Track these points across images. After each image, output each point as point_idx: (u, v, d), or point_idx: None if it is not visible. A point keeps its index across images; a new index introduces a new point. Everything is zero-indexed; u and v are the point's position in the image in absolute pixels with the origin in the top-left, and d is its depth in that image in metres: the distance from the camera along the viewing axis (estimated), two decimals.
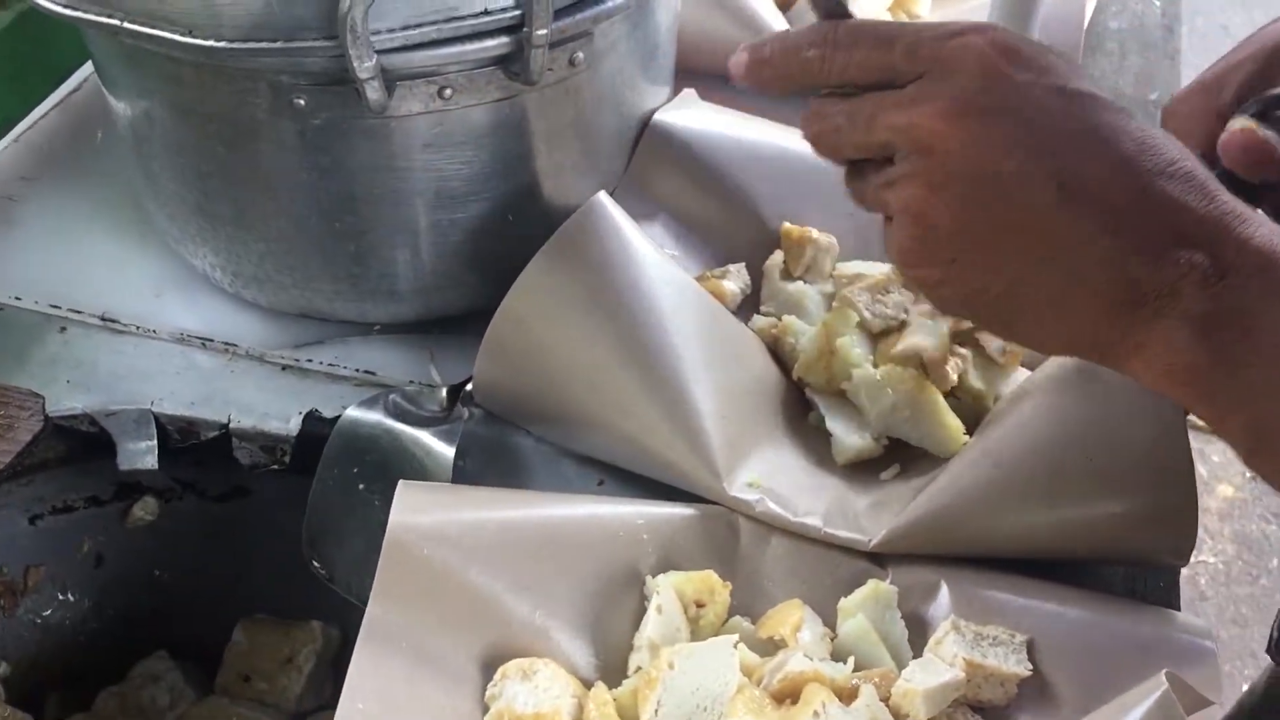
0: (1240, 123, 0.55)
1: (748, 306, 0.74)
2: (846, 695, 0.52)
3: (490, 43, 0.62)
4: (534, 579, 0.57)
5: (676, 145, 0.77)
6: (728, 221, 0.77)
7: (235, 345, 0.74)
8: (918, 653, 0.57)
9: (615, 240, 0.67)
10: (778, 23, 0.92)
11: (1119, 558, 0.60)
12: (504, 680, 0.54)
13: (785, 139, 0.79)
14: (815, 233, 0.74)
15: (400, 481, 0.59)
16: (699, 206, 0.77)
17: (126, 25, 0.60)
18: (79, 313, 0.75)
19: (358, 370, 0.72)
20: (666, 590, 0.56)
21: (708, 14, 0.90)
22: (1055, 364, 0.63)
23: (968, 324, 0.67)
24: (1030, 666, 0.54)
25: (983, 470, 0.59)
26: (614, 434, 0.64)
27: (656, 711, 0.51)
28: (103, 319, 0.75)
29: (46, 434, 0.68)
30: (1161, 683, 0.47)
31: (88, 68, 0.92)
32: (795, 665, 0.52)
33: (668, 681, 0.52)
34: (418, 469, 0.65)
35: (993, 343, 0.67)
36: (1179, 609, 0.61)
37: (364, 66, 0.59)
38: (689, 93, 0.83)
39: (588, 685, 0.55)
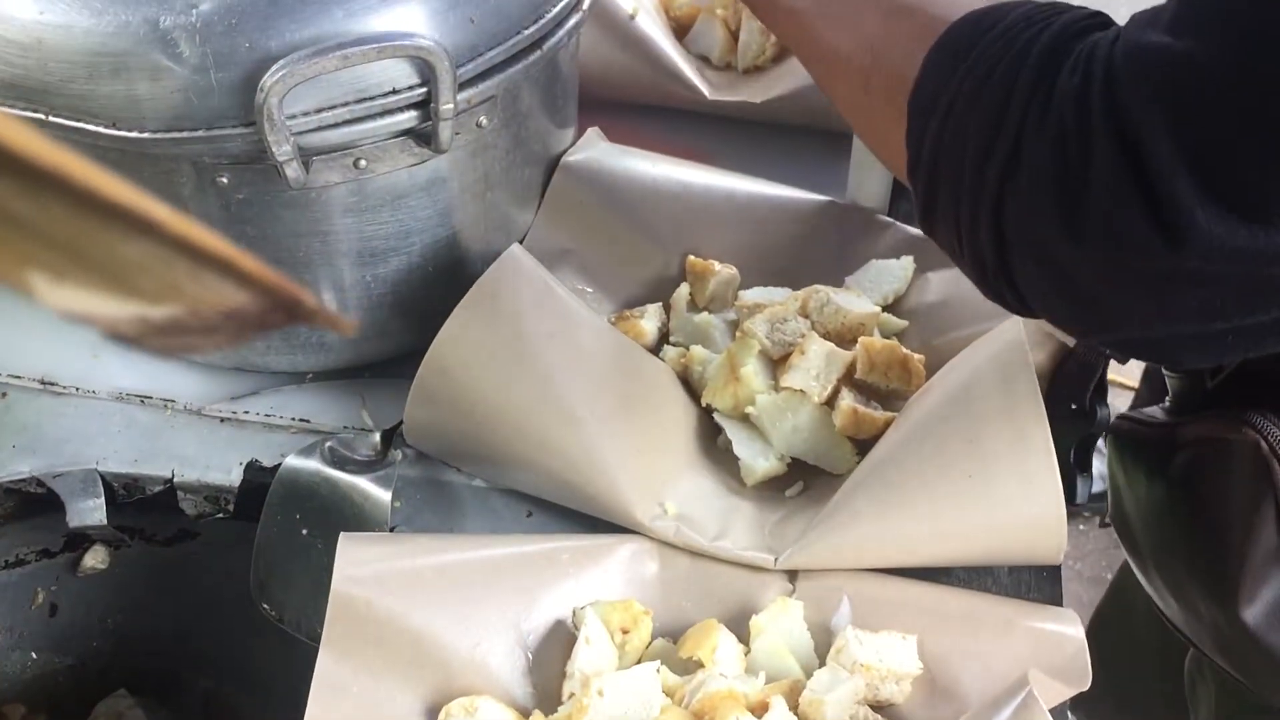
0: None
1: (664, 341, 0.79)
2: (759, 709, 0.58)
3: (400, 117, 0.66)
4: (471, 618, 0.62)
5: (584, 188, 0.82)
6: (635, 256, 0.82)
7: (173, 400, 0.77)
8: (824, 658, 0.63)
9: (529, 289, 0.71)
10: (673, 49, 0.97)
11: (999, 561, 0.67)
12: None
13: (685, 174, 0.83)
14: (717, 265, 0.79)
15: (341, 535, 0.63)
16: (608, 244, 0.82)
17: (52, 119, 0.63)
18: (18, 378, 0.78)
19: (293, 419, 0.76)
20: (593, 620, 0.62)
21: (608, 45, 0.94)
22: (934, 390, 0.69)
23: (853, 369, 0.73)
24: (920, 665, 0.61)
25: (874, 491, 0.65)
26: (539, 471, 0.69)
27: None
28: (43, 382, 0.78)
29: None
30: (1026, 683, 0.54)
31: None
32: (712, 685, 0.58)
33: (598, 708, 0.57)
34: (356, 513, 0.70)
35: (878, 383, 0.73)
36: (1060, 600, 0.67)
37: (281, 150, 0.62)
38: (594, 132, 0.87)
39: (525, 714, 0.60)
